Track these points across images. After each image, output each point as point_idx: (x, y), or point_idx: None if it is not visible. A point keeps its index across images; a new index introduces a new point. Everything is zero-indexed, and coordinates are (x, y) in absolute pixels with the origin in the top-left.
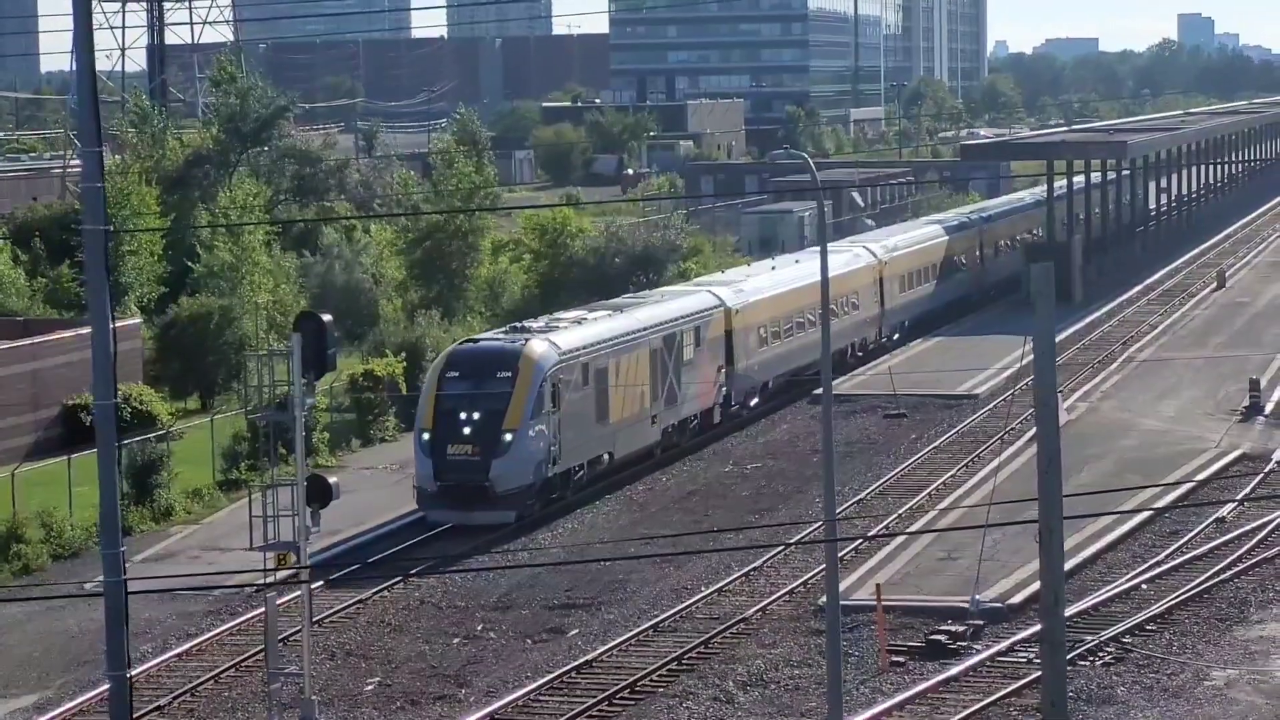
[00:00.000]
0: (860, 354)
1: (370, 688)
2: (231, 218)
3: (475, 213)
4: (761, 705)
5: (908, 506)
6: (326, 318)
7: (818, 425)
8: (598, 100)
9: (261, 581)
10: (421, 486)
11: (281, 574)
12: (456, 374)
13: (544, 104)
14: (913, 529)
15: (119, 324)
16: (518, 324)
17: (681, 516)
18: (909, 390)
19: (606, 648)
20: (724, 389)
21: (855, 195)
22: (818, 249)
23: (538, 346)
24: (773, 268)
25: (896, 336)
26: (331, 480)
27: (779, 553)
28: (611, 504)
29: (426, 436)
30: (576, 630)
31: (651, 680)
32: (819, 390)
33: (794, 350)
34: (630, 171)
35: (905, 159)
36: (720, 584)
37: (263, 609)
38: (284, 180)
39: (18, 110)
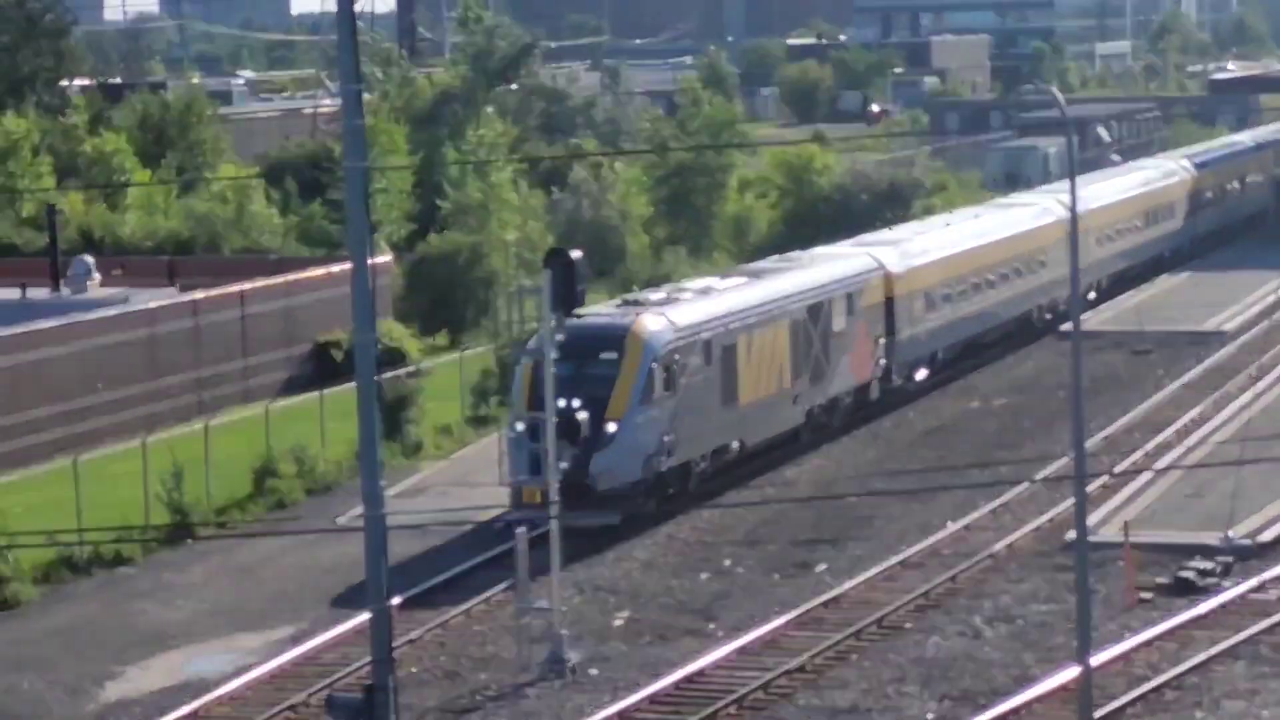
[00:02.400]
0: (1049, 316)
1: (619, 622)
2: (480, 155)
3: (722, 150)
4: (1008, 641)
5: (1154, 443)
6: (576, 254)
7: (1063, 361)
8: (842, 37)
9: (511, 516)
10: (516, 484)
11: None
12: (555, 355)
13: (788, 41)
14: (1160, 465)
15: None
16: (633, 296)
17: (927, 452)
18: (1156, 326)
19: (854, 583)
20: (883, 362)
21: (1101, 131)
22: (997, 203)
23: (649, 322)
24: (947, 224)
25: (1093, 296)
26: (580, 417)
27: (1025, 488)
28: (857, 440)
29: (520, 427)
30: (824, 565)
31: (899, 615)
32: (1066, 325)
33: (969, 316)
34: (875, 108)
35: (1151, 94)
36: (967, 520)
37: (512, 544)
38: (531, 118)
39: (269, 51)
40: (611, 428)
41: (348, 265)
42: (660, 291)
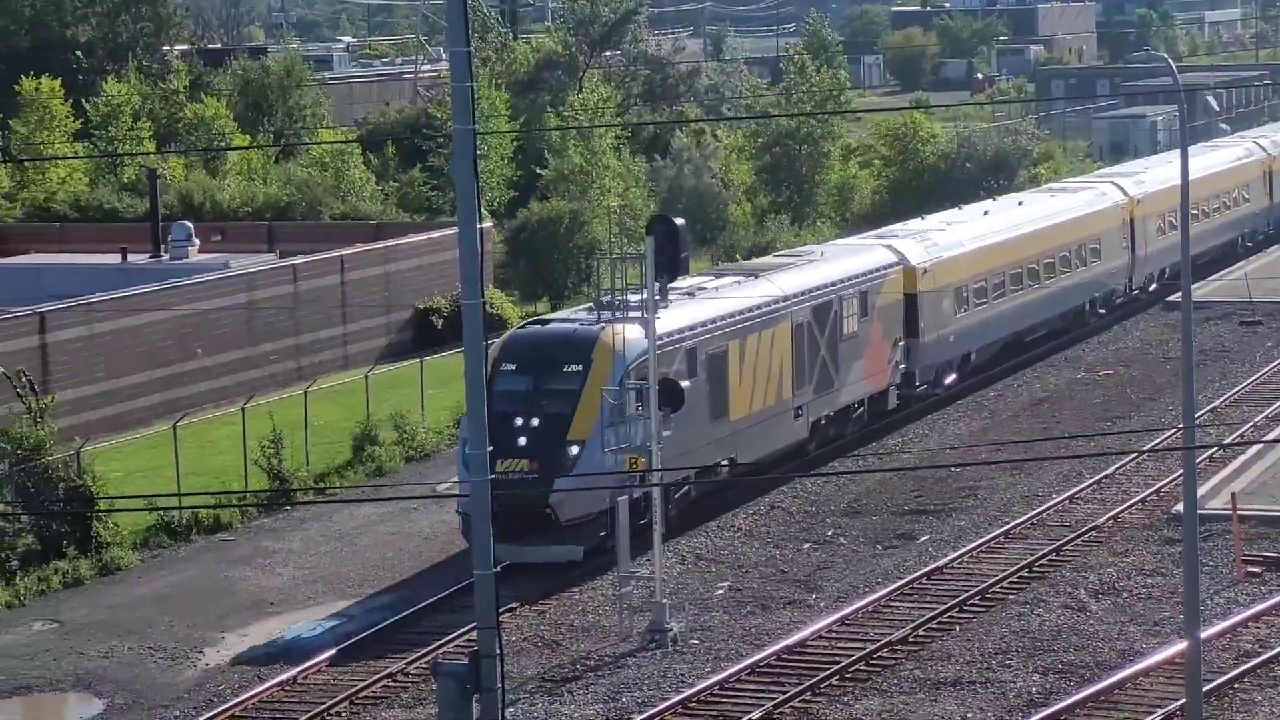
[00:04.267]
0: (1102, 311)
1: (720, 592)
2: (582, 121)
3: (825, 118)
4: (1113, 613)
5: (1264, 415)
6: (680, 222)
7: (1170, 332)
8: (947, 4)
9: (613, 484)
10: (466, 511)
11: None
12: (514, 366)
13: (892, 8)
14: (1270, 437)
15: None
16: (607, 299)
17: (1032, 423)
18: (1266, 297)
19: (957, 554)
20: (901, 367)
21: (1210, 99)
22: (1047, 188)
23: (620, 330)
24: (985, 212)
25: (1154, 288)
26: (684, 384)
27: (1131, 460)
28: (961, 410)
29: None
30: (927, 536)
31: (1002, 587)
32: (1174, 296)
33: (1009, 313)
34: (980, 76)
35: (1263, 61)
36: (1071, 491)
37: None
38: (634, 85)
39: (369, 16)
40: (575, 450)
41: (448, 231)
42: (639, 295)
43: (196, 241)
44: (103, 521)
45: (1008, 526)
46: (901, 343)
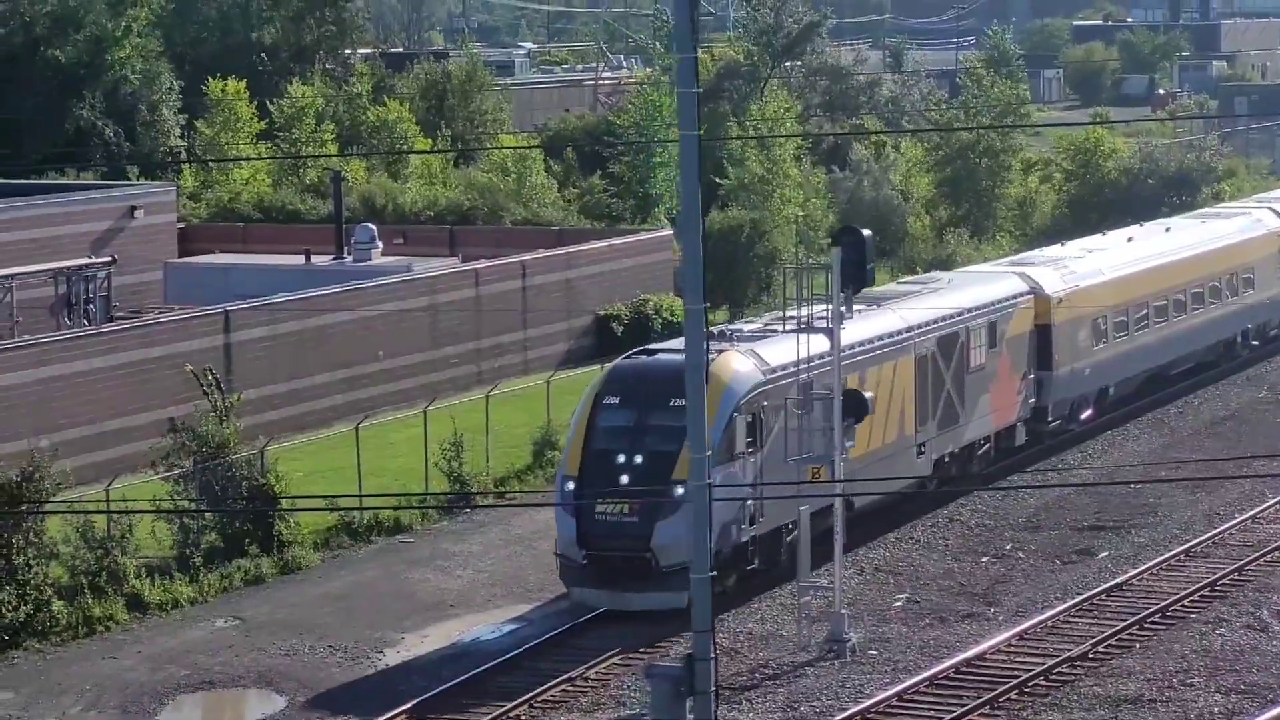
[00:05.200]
0: (1255, 342)
1: (899, 603)
2: (762, 131)
3: (1006, 131)
4: None
5: None
6: (866, 232)
7: None
8: (1129, 19)
9: (793, 494)
10: (565, 554)
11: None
12: (616, 400)
13: (1074, 22)
14: None
15: (651, 235)
16: (720, 328)
17: (1213, 442)
18: None
19: (1137, 571)
20: (1031, 401)
21: None
22: (1200, 213)
23: (732, 362)
24: (1129, 239)
25: (1275, 332)
26: (867, 395)
27: None
28: (1141, 427)
29: (571, 486)
30: (1106, 553)
31: (1183, 605)
32: None
33: (1151, 346)
34: (1162, 92)
35: None
36: (1254, 511)
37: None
38: (814, 96)
39: (549, 22)
40: (679, 491)
41: (629, 239)
42: (755, 322)
43: (380, 244)
44: (285, 521)
45: (1189, 544)
46: (1033, 376)
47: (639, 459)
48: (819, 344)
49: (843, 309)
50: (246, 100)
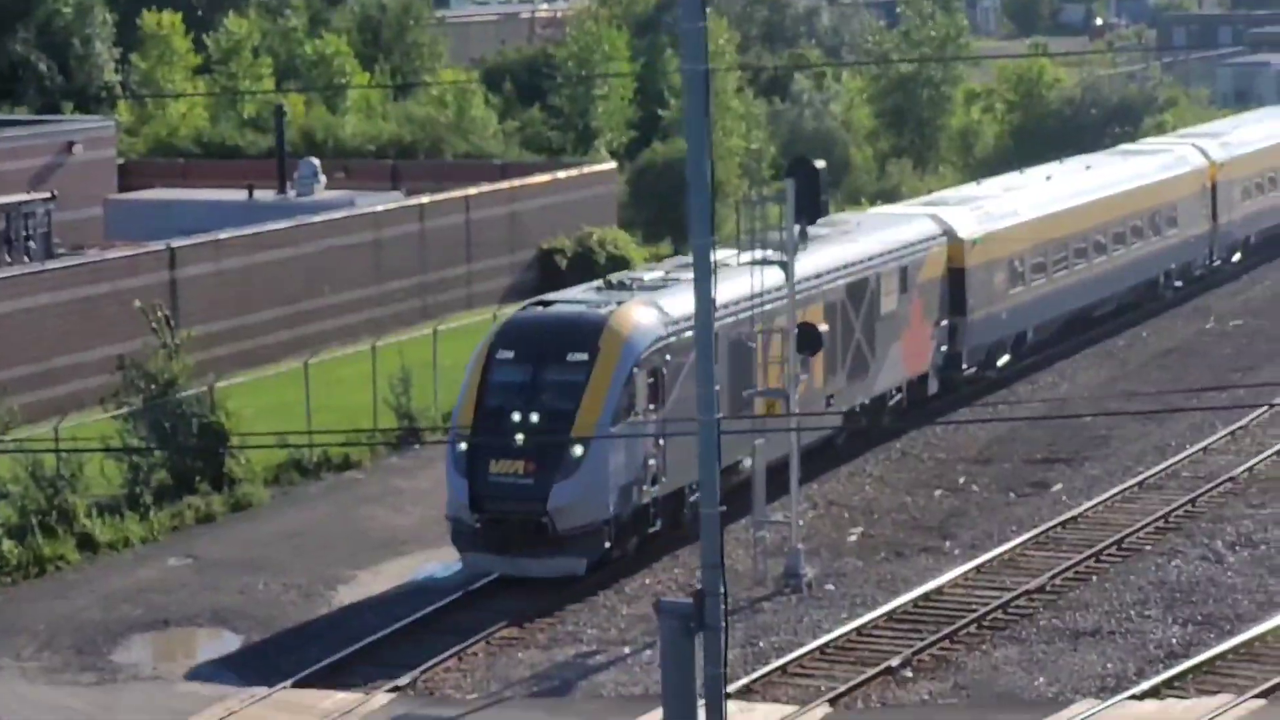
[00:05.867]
0: (1179, 283)
1: (854, 538)
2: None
3: (948, 62)
4: (1251, 566)
5: None
6: (820, 164)
7: None
8: None
9: (747, 429)
10: (456, 517)
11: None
12: (511, 354)
13: None
14: None
15: (594, 168)
16: (619, 277)
17: (1161, 374)
18: None
19: (1091, 503)
20: (944, 348)
21: None
22: (1121, 150)
23: (633, 314)
24: (1048, 178)
25: (1238, 256)
26: (821, 328)
27: (1264, 412)
28: (1090, 359)
29: (463, 446)
30: (1060, 485)
31: (1138, 537)
32: None
33: (1070, 288)
34: (1099, 21)
35: None
36: (1205, 442)
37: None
38: (753, 26)
39: None
40: (578, 450)
41: (572, 172)
42: (657, 270)
43: (323, 179)
44: (235, 458)
45: (1142, 477)
46: (946, 322)
47: (535, 417)
48: (727, 291)
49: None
50: (182, 34)
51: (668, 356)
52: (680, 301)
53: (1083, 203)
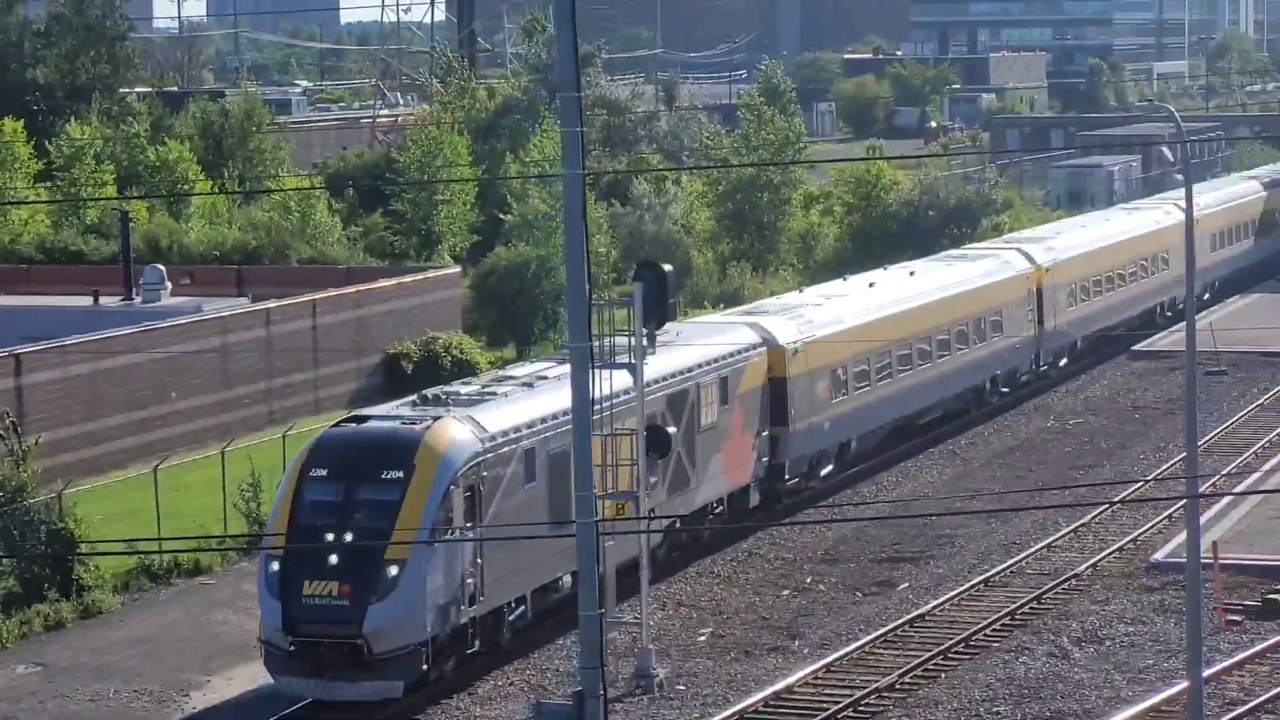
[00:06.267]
0: (1005, 389)
1: (703, 638)
2: (545, 168)
3: (787, 166)
4: (1097, 661)
5: (1235, 464)
6: (667, 268)
7: (1136, 381)
8: (899, 52)
9: (600, 532)
10: (269, 641)
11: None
12: (324, 472)
13: (845, 56)
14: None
15: (439, 273)
16: (434, 392)
17: (1004, 472)
18: (1229, 347)
19: (938, 602)
20: (766, 459)
21: (1165, 150)
22: (946, 255)
23: (448, 430)
24: (871, 284)
25: (1065, 362)
26: (670, 430)
27: (1105, 510)
28: (933, 458)
29: (275, 566)
30: (906, 584)
31: (985, 635)
32: (1137, 345)
33: (895, 396)
34: (933, 125)
35: (1210, 113)
36: (1049, 540)
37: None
38: (592, 130)
39: (320, 61)
40: (393, 570)
41: (418, 276)
42: (476, 383)
43: (169, 284)
44: (84, 564)
45: (987, 574)
46: (767, 433)
47: (349, 536)
48: (545, 405)
49: (647, 345)
50: (24, 140)
51: (484, 473)
52: (497, 416)
53: (906, 309)
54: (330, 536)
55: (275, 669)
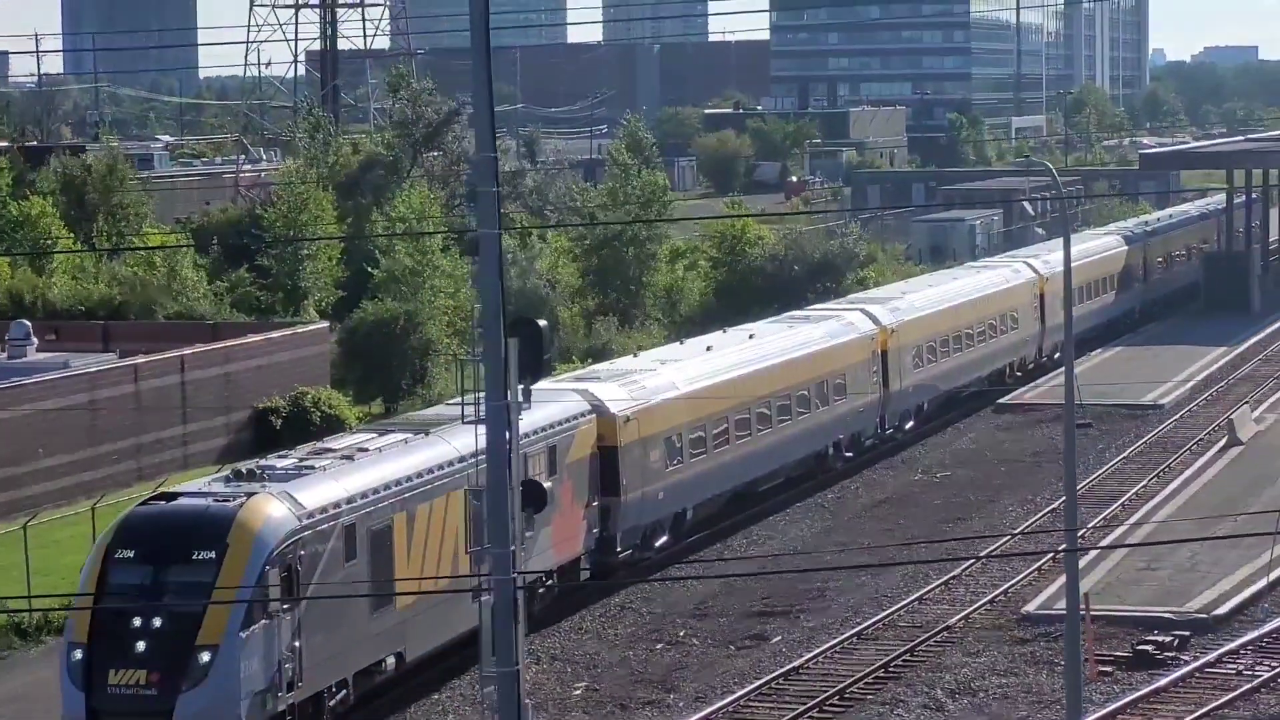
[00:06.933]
0: (849, 454)
1: (578, 692)
2: (411, 223)
3: (653, 223)
4: (971, 713)
5: (1103, 516)
6: (543, 323)
7: (1002, 434)
8: (759, 107)
9: (474, 587)
10: None
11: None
12: (131, 554)
13: (705, 110)
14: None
15: (306, 328)
16: (249, 466)
17: (873, 525)
18: (1094, 400)
19: (812, 654)
20: (596, 531)
21: (1026, 205)
22: (788, 317)
23: (263, 507)
24: (708, 348)
25: (910, 425)
26: (546, 485)
27: (974, 563)
28: (801, 512)
29: (79, 655)
30: (779, 637)
31: (860, 688)
32: (1003, 399)
33: (733, 463)
34: (794, 179)
35: (1069, 167)
36: (920, 592)
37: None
38: (458, 185)
39: (180, 115)
40: (205, 657)
41: (286, 331)
42: (290, 457)
43: (35, 340)
44: None
45: (860, 627)
46: (597, 503)
47: (157, 622)
48: (366, 479)
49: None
50: None
51: (302, 551)
52: (315, 491)
53: (744, 373)
54: (138, 622)
55: None
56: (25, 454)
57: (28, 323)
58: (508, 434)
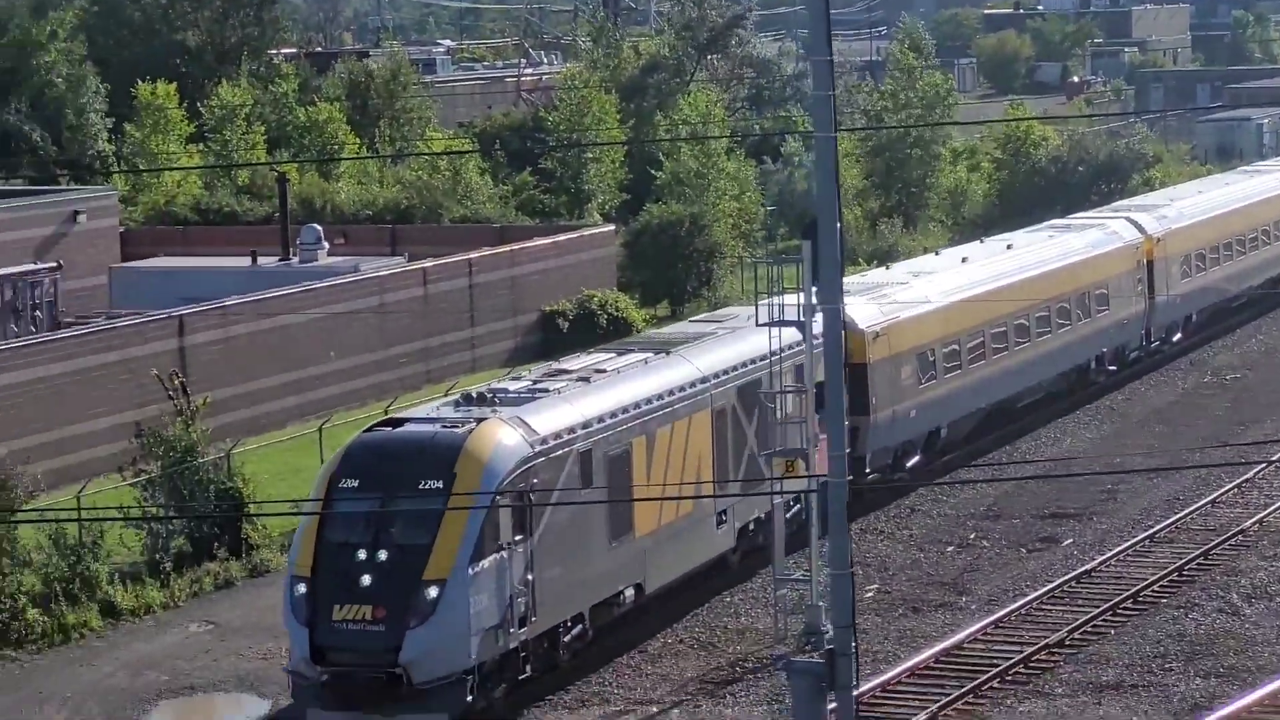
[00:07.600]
0: (1113, 367)
1: (870, 594)
2: (694, 125)
3: (936, 126)
4: (1269, 618)
5: None
6: (839, 224)
7: None
8: (1039, 6)
9: (769, 490)
10: (298, 671)
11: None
12: (356, 483)
13: (984, 10)
14: None
15: (593, 231)
16: (480, 390)
17: (1163, 428)
18: None
19: (1104, 558)
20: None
21: None
22: (1048, 225)
23: (493, 434)
24: (964, 259)
25: (1178, 337)
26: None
27: (1266, 467)
28: (1090, 414)
29: (302, 589)
30: (1070, 540)
31: (1153, 591)
32: None
33: (990, 380)
34: (1075, 79)
35: None
36: (1213, 495)
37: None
38: (741, 89)
39: (458, 19)
40: (433, 592)
41: (572, 234)
42: (524, 379)
43: (325, 244)
44: (253, 524)
45: (1152, 530)
46: (847, 423)
47: (383, 554)
48: (603, 403)
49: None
50: (176, 103)
51: (535, 480)
52: (549, 416)
53: (1001, 285)
54: (363, 555)
55: (305, 701)
56: (317, 356)
57: (318, 227)
58: (827, 337)
